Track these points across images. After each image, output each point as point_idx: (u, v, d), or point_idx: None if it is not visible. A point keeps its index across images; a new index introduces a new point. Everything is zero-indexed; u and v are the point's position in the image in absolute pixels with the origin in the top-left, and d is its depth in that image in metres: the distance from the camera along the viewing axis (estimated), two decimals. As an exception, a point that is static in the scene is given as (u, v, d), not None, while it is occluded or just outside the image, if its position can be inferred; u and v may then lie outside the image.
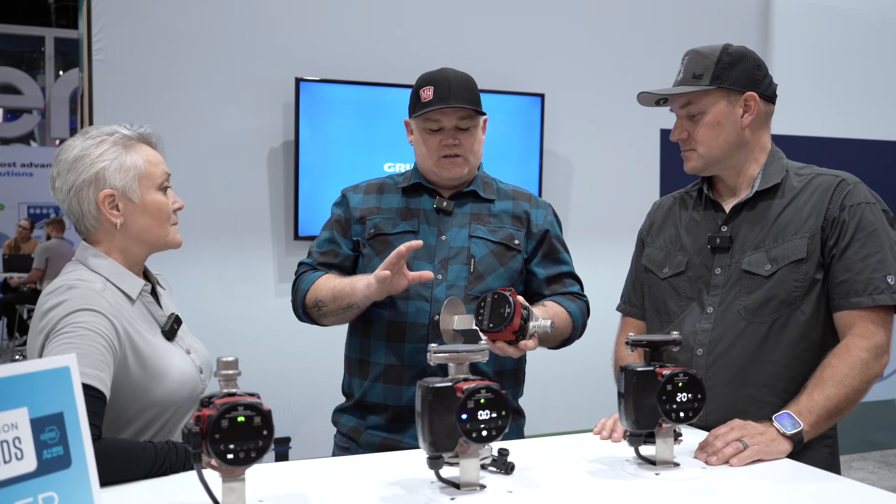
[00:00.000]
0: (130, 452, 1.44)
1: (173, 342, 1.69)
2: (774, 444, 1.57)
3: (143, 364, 1.58)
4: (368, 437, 2.00)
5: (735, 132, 1.81)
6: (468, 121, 1.97)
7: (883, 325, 1.70)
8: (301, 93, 3.71)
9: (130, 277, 1.65)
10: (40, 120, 14.52)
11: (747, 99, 1.80)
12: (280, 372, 3.53)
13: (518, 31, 4.13)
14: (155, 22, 3.57)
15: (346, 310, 1.94)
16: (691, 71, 1.81)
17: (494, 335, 1.65)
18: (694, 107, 1.82)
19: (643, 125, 4.31)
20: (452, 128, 1.96)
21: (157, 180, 1.66)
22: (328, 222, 2.12)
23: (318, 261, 2.08)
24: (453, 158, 1.98)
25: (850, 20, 4.78)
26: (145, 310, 1.66)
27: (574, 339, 2.04)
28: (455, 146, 1.97)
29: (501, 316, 1.62)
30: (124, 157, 1.63)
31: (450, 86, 1.95)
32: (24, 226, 11.06)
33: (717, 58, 1.79)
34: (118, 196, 1.62)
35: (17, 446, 0.95)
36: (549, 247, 2.07)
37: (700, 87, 1.79)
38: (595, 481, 1.48)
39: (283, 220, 3.79)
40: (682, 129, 1.85)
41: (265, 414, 1.20)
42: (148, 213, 1.65)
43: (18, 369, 0.97)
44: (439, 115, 1.96)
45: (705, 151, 1.82)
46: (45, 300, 1.55)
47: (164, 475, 1.45)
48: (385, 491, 1.40)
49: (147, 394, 1.58)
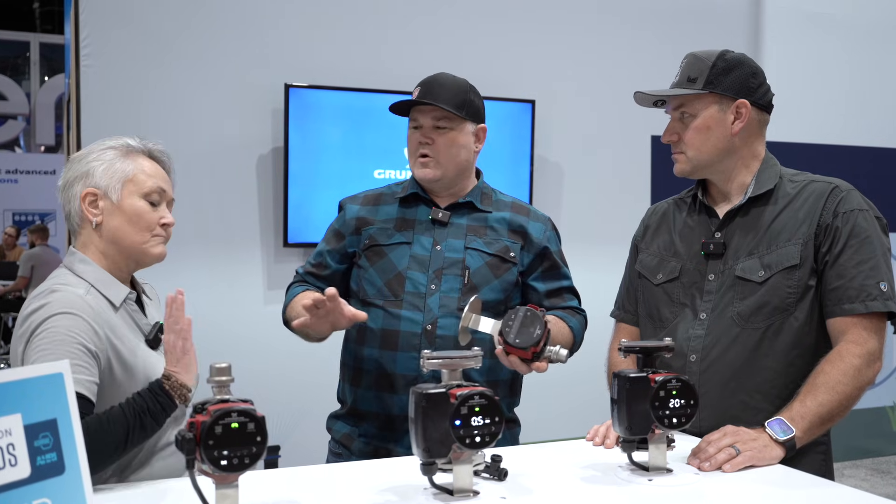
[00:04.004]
0: (98, 425, 1.42)
1: (157, 350, 1.68)
2: (767, 450, 1.58)
3: (126, 371, 1.56)
4: (361, 445, 2.00)
5: (724, 138, 1.82)
6: (445, 121, 1.98)
7: (875, 331, 1.71)
8: (290, 99, 3.70)
9: (115, 284, 1.64)
10: (25, 126, 14.44)
11: (739, 106, 1.81)
12: (269, 380, 3.50)
13: (508, 37, 4.15)
14: (143, 27, 3.56)
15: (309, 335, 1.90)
16: (687, 74, 1.83)
17: (514, 350, 1.62)
18: (686, 110, 1.83)
19: (634, 131, 4.33)
20: (429, 127, 1.98)
21: (143, 189, 1.65)
22: (326, 233, 2.14)
23: (307, 271, 2.11)
24: (423, 159, 1.99)
25: (840, 26, 4.82)
26: (129, 318, 1.65)
27: (572, 353, 2.04)
28: (426, 145, 1.98)
29: (531, 335, 1.59)
30: (117, 163, 1.65)
31: (433, 86, 1.98)
32: (10, 233, 10.97)
33: (712, 63, 1.80)
34: (100, 195, 1.63)
35: (10, 453, 0.94)
36: (550, 263, 2.07)
37: (692, 90, 1.80)
38: (588, 487, 1.48)
39: (272, 227, 3.77)
40: (674, 131, 1.86)
41: (259, 420, 1.20)
42: (124, 215, 1.64)
43: (12, 376, 0.97)
44: (417, 114, 2.00)
45: (693, 155, 1.83)
46: (28, 304, 1.54)
47: (146, 428, 1.47)
48: (378, 497, 1.40)
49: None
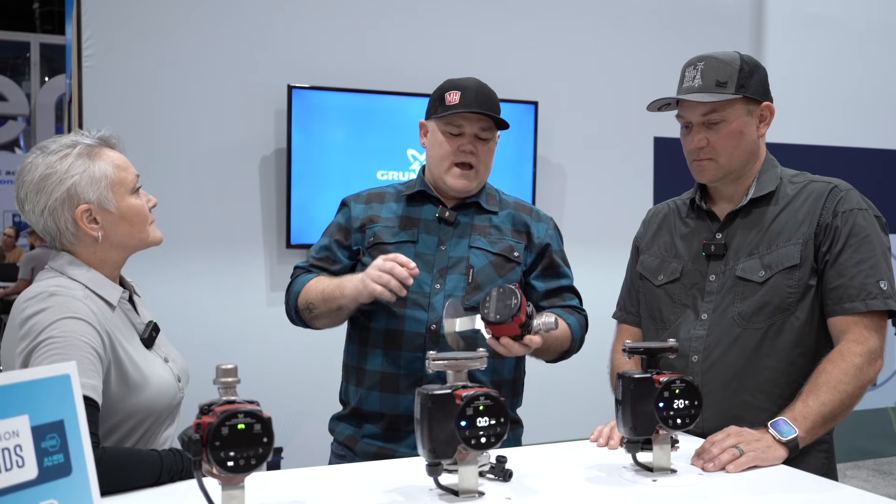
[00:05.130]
0: (135, 461, 1.43)
1: (152, 350, 1.67)
2: (770, 450, 1.58)
3: (125, 373, 1.56)
4: (364, 446, 2.00)
5: (753, 141, 1.81)
6: (489, 132, 1.99)
7: (876, 330, 1.71)
8: (293, 100, 3.70)
9: (109, 285, 1.63)
10: (25, 127, 14.43)
11: (763, 109, 1.80)
12: (272, 381, 3.50)
13: (511, 39, 4.15)
14: (146, 28, 3.55)
15: (336, 311, 1.95)
16: (713, 78, 1.77)
17: (500, 329, 1.64)
18: (717, 115, 1.78)
19: (637, 133, 4.34)
20: (472, 135, 1.98)
21: (128, 185, 1.63)
22: (329, 228, 2.12)
23: (313, 265, 2.08)
24: (466, 170, 1.98)
25: (842, 27, 4.82)
26: (125, 317, 1.64)
27: (572, 352, 2.04)
28: (471, 154, 1.98)
29: (508, 307, 1.61)
30: (93, 168, 1.58)
31: (477, 93, 1.97)
32: (9, 234, 10.97)
33: (738, 66, 1.77)
34: (95, 209, 1.59)
35: (18, 454, 0.94)
36: (550, 261, 2.07)
37: (726, 95, 1.76)
38: (593, 488, 1.48)
39: (275, 228, 3.77)
40: (702, 137, 1.80)
41: (265, 421, 1.19)
42: (127, 219, 1.62)
43: (19, 377, 0.97)
44: (462, 120, 1.97)
45: (726, 161, 1.80)
46: (25, 307, 1.51)
47: (171, 482, 1.44)
48: (384, 498, 1.40)
49: (128, 403, 1.56)
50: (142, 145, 3.41)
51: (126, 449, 1.50)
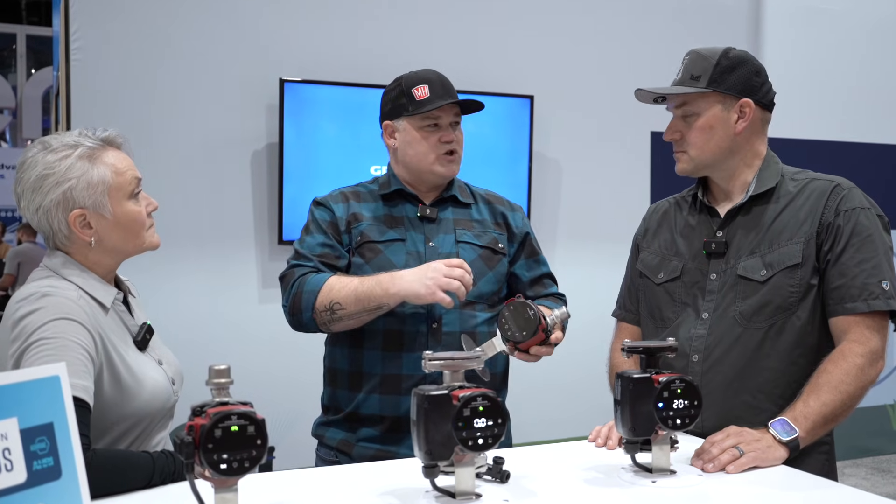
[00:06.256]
0: (127, 462, 1.41)
1: (145, 352, 1.65)
2: (771, 450, 1.57)
3: (119, 375, 1.54)
4: (361, 450, 1.96)
5: (728, 138, 1.81)
6: (458, 116, 2.05)
7: (878, 330, 1.70)
8: (285, 94, 3.67)
9: (103, 286, 1.61)
10: (11, 120, 14.29)
11: (742, 105, 1.79)
12: (264, 379, 3.47)
13: (506, 33, 4.12)
14: (135, 21, 3.51)
15: (372, 311, 1.86)
16: (690, 72, 1.81)
17: (529, 342, 1.66)
18: (689, 108, 1.81)
19: (634, 127, 4.32)
20: (449, 124, 2.02)
21: (126, 189, 1.60)
22: (314, 226, 2.02)
23: (320, 263, 1.97)
24: (451, 156, 2.02)
25: (842, 22, 4.81)
26: (118, 319, 1.62)
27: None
28: (454, 142, 2.02)
29: (530, 320, 1.63)
30: (91, 173, 1.55)
31: (442, 83, 2.01)
32: (-4, 229, 10.88)
33: (716, 61, 1.79)
34: (89, 214, 1.56)
35: (6, 457, 0.93)
36: (530, 249, 2.13)
37: (696, 88, 1.79)
38: (591, 489, 1.47)
39: (266, 224, 3.74)
40: (676, 129, 1.85)
41: (259, 423, 1.18)
42: (121, 226, 1.59)
43: (8, 379, 0.95)
44: (439, 112, 2.00)
45: (696, 154, 1.82)
46: (18, 307, 1.49)
47: (162, 485, 1.42)
48: (380, 500, 1.38)
49: (122, 405, 1.54)
50: (130, 140, 3.36)
51: (117, 451, 1.48)
